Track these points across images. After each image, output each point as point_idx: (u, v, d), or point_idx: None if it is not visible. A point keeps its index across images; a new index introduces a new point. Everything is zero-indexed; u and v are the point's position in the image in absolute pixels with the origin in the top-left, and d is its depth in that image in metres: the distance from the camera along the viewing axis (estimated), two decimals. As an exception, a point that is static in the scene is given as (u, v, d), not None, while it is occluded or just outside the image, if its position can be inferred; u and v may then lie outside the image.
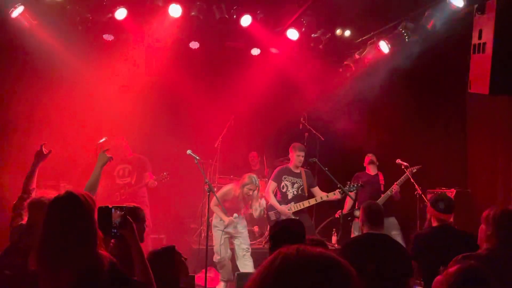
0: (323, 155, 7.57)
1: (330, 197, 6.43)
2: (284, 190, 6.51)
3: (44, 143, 3.89)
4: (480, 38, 3.30)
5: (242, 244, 6.23)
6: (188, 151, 5.73)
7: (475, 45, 3.35)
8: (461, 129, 8.03)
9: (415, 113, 8.36)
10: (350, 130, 7.93)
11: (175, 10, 6.55)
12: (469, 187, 7.56)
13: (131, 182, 6.58)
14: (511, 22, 3.02)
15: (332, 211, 7.47)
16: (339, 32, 7.34)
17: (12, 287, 2.87)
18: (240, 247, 6.22)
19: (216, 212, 6.17)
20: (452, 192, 6.93)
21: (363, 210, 3.97)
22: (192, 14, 6.64)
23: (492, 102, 7.06)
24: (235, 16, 6.83)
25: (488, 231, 3.03)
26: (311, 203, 6.52)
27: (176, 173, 6.86)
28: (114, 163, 6.52)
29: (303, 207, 6.46)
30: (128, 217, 2.51)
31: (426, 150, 7.86)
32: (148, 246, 6.24)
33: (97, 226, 2.32)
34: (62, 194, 2.34)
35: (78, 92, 7.01)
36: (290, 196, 6.49)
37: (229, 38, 7.68)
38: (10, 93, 6.81)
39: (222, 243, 6.16)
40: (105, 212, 2.45)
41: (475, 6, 3.28)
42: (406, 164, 6.61)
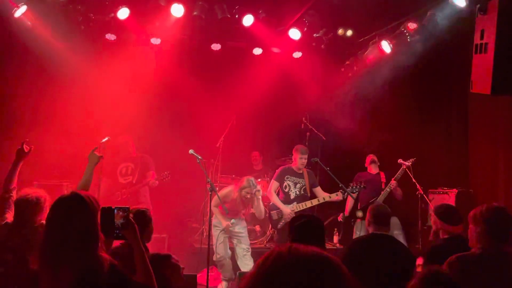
0: (324, 155, 7.57)
1: (333, 198, 6.44)
2: (286, 190, 6.52)
3: (25, 141, 3.84)
4: (482, 38, 3.30)
5: (242, 244, 6.24)
6: (191, 151, 5.74)
7: (477, 45, 3.35)
8: (463, 129, 8.03)
9: (417, 113, 8.36)
10: (351, 130, 7.93)
11: (178, 10, 6.56)
12: (470, 187, 7.55)
13: (132, 181, 6.57)
14: (514, 22, 3.03)
15: (334, 211, 7.48)
16: (341, 31, 7.34)
17: (6, 284, 2.89)
18: (240, 247, 6.23)
19: (216, 213, 6.19)
20: (453, 192, 6.93)
21: (370, 211, 3.98)
22: (195, 13, 6.66)
23: (494, 102, 7.05)
24: (237, 16, 6.85)
25: (478, 229, 2.99)
26: (314, 204, 6.53)
27: (178, 172, 6.86)
28: (117, 161, 6.59)
29: (305, 207, 6.46)
30: (130, 218, 2.50)
31: (428, 150, 7.86)
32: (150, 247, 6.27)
33: (99, 228, 2.31)
34: (67, 194, 2.35)
35: (80, 92, 7.02)
36: (293, 196, 6.49)
37: (231, 38, 7.69)
38: (13, 92, 6.82)
39: (222, 242, 6.17)
40: (107, 213, 2.43)
41: (477, 6, 3.28)
42: (407, 163, 6.60)
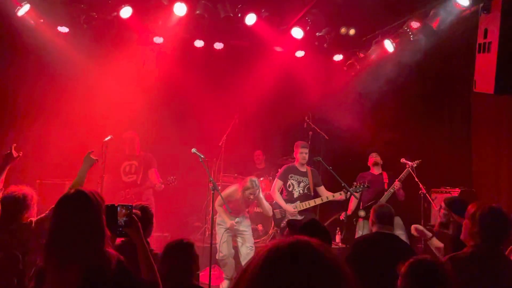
0: (327, 154, 7.56)
1: (336, 197, 6.44)
2: (290, 189, 6.52)
3: (15, 145, 3.83)
4: (485, 37, 3.30)
5: (246, 243, 6.25)
6: (193, 150, 5.74)
7: (480, 44, 3.35)
8: (466, 128, 8.00)
9: (420, 112, 8.33)
10: (354, 129, 7.92)
11: (180, 9, 6.56)
12: (473, 186, 7.53)
13: (136, 180, 6.56)
14: (517, 21, 3.02)
15: (337, 210, 7.47)
16: (343, 30, 7.32)
17: None
18: (243, 245, 6.24)
19: (220, 212, 6.21)
20: (456, 192, 6.91)
21: (374, 211, 3.99)
22: (197, 12, 6.65)
23: (497, 102, 7.03)
24: (239, 15, 6.83)
25: (474, 228, 2.99)
26: (317, 203, 6.54)
27: (181, 171, 6.88)
28: (121, 158, 6.59)
29: (308, 206, 6.47)
30: (133, 215, 2.50)
31: (431, 149, 7.84)
32: (152, 246, 6.27)
33: (105, 224, 2.32)
34: (71, 192, 2.36)
35: (83, 90, 7.03)
36: (296, 195, 6.50)
37: (233, 37, 7.69)
38: (15, 90, 6.84)
39: (225, 241, 6.18)
40: (110, 211, 2.43)
41: (481, 5, 3.27)
42: (410, 163, 6.59)
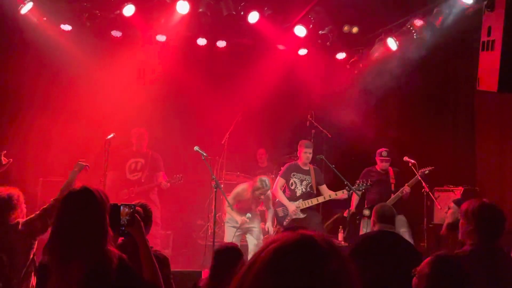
0: (330, 152, 7.55)
1: (338, 195, 6.44)
2: (292, 187, 6.52)
3: (4, 152, 3.83)
4: (489, 35, 3.28)
5: (254, 239, 6.20)
6: (196, 148, 5.74)
7: (484, 42, 3.33)
8: (469, 126, 7.98)
9: (423, 110, 8.32)
10: (357, 127, 7.91)
11: (183, 7, 6.55)
12: (477, 184, 7.51)
13: (141, 179, 6.52)
14: (521, 19, 3.00)
15: (339, 208, 7.47)
16: (346, 28, 7.30)
17: None
18: (252, 242, 6.20)
19: (229, 212, 6.16)
20: (459, 190, 6.89)
21: (376, 211, 3.98)
22: (200, 10, 6.65)
23: (501, 100, 7.01)
24: (242, 13, 6.82)
25: (470, 226, 2.97)
26: (319, 201, 6.54)
27: (184, 169, 6.88)
28: (127, 154, 6.58)
29: (311, 204, 6.47)
30: (136, 215, 2.50)
31: (434, 148, 7.83)
32: (157, 245, 6.28)
33: (108, 223, 2.32)
34: (77, 189, 2.37)
35: (85, 89, 7.04)
36: (299, 193, 6.49)
37: (236, 35, 7.68)
38: (18, 89, 6.86)
39: (233, 240, 6.09)
40: (113, 210, 2.42)
41: (484, 3, 3.26)
42: (413, 161, 6.57)
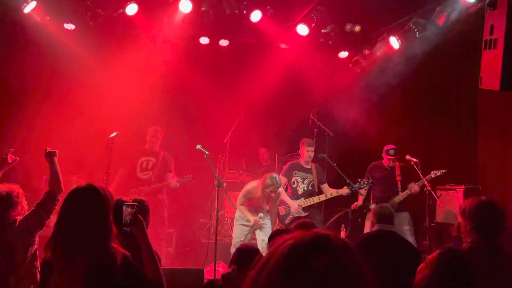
0: (332, 151, 7.56)
1: (340, 193, 6.44)
2: (294, 186, 6.53)
3: (12, 150, 3.82)
4: (491, 33, 3.29)
5: (264, 236, 6.01)
6: (198, 146, 5.74)
7: (486, 40, 3.34)
8: (472, 125, 7.96)
9: (426, 109, 8.31)
10: (359, 126, 7.92)
11: (186, 6, 6.57)
12: (479, 183, 7.49)
13: (151, 178, 6.46)
14: (523, 17, 3.01)
15: (341, 207, 7.48)
16: (349, 27, 7.31)
17: None
18: (261, 238, 6.05)
19: (242, 211, 6.03)
20: (461, 189, 6.88)
21: (375, 212, 4.02)
22: (203, 9, 6.67)
23: (503, 98, 7.00)
24: (245, 12, 6.84)
25: (468, 225, 2.99)
26: (321, 199, 6.54)
27: (186, 168, 6.90)
28: (139, 152, 6.59)
29: (313, 202, 6.47)
30: (138, 215, 2.51)
31: (436, 146, 7.82)
32: (162, 246, 6.31)
33: (112, 220, 2.34)
34: (82, 186, 2.38)
35: (88, 87, 7.08)
36: (301, 191, 6.50)
37: (239, 34, 7.70)
38: (21, 87, 6.88)
39: (241, 240, 5.96)
40: (116, 209, 2.44)
41: (487, 1, 3.26)
42: (415, 160, 6.57)
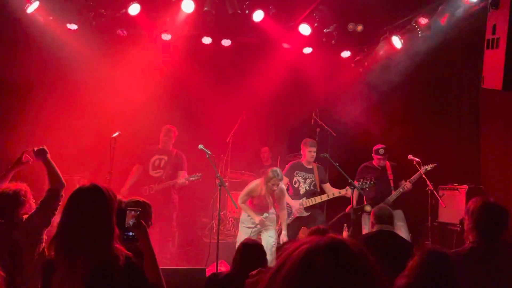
0: (334, 151, 7.56)
1: (342, 193, 6.44)
2: (296, 186, 6.53)
3: (27, 150, 3.76)
4: (493, 33, 3.29)
5: (270, 238, 5.97)
6: (200, 146, 5.75)
7: (488, 40, 3.34)
8: (474, 124, 7.97)
9: (428, 108, 8.31)
10: (361, 125, 7.92)
11: (188, 6, 6.57)
12: (481, 183, 7.50)
13: (161, 176, 6.45)
14: (526, 17, 3.01)
15: (344, 206, 7.48)
16: (351, 27, 7.31)
17: None
18: (267, 241, 5.92)
19: (245, 210, 5.99)
20: (464, 188, 6.88)
21: (374, 214, 4.04)
22: (205, 9, 6.67)
23: (506, 98, 6.99)
24: (247, 11, 6.84)
25: (469, 224, 3.01)
26: (323, 199, 6.53)
27: (188, 167, 6.90)
28: (153, 150, 6.60)
29: (315, 202, 6.47)
30: (141, 220, 2.51)
31: (439, 146, 7.82)
32: (168, 246, 6.32)
33: (115, 221, 2.34)
34: (86, 185, 2.38)
35: (90, 87, 7.09)
36: (302, 191, 6.50)
37: (241, 33, 7.70)
38: (24, 86, 6.90)
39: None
40: (119, 213, 2.43)
41: (489, 1, 3.26)
42: (418, 160, 6.56)
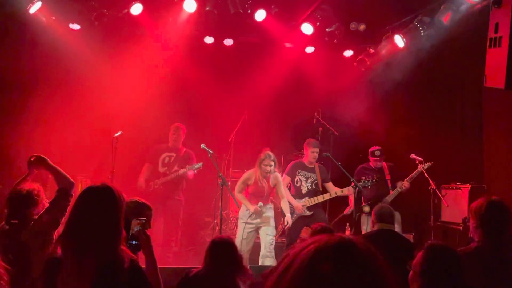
0: (337, 150, 7.55)
1: (345, 192, 6.44)
2: (298, 185, 6.52)
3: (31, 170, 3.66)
4: (496, 31, 3.28)
5: (267, 236, 5.99)
6: (202, 145, 5.75)
7: (491, 39, 3.33)
8: (477, 123, 7.94)
9: (431, 107, 8.29)
10: (364, 125, 7.91)
11: (190, 5, 6.58)
12: (484, 182, 7.47)
13: (166, 171, 6.49)
14: (528, 15, 3.00)
15: (346, 206, 7.47)
16: (354, 26, 7.30)
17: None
18: (265, 238, 5.98)
19: (241, 199, 5.98)
20: (467, 188, 6.86)
21: (375, 213, 4.03)
22: (207, 9, 6.68)
23: (509, 97, 6.96)
24: (249, 11, 6.84)
25: (475, 223, 3.01)
26: (326, 198, 6.53)
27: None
28: (162, 148, 6.62)
29: (317, 201, 6.47)
30: (145, 231, 2.53)
31: (442, 145, 7.80)
32: (172, 247, 6.34)
33: (123, 223, 2.34)
34: (97, 185, 2.37)
35: (93, 87, 7.09)
36: (304, 190, 6.50)
37: (243, 33, 7.70)
38: (27, 86, 6.92)
39: (245, 238, 5.93)
40: (124, 222, 2.43)
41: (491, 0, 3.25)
42: (420, 159, 6.55)
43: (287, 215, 6.09)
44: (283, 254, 1.10)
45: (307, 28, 7.19)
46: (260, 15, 6.87)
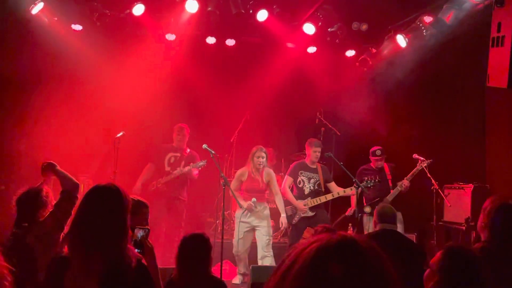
0: (339, 150, 7.55)
1: (347, 192, 6.43)
2: (300, 185, 6.52)
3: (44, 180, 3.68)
4: (499, 31, 3.27)
5: (264, 236, 6.07)
6: (204, 146, 5.76)
7: (493, 38, 3.32)
8: (479, 123, 7.92)
9: (433, 107, 8.27)
10: (366, 125, 7.89)
11: (192, 6, 6.58)
12: (487, 182, 7.45)
13: (170, 170, 6.51)
14: (531, 14, 2.99)
15: (348, 206, 7.46)
16: (356, 26, 7.29)
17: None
18: (262, 239, 6.08)
19: (236, 197, 6.06)
20: (470, 188, 6.85)
21: (377, 213, 4.03)
22: (209, 9, 6.68)
23: (511, 96, 6.94)
24: (251, 11, 6.85)
25: (484, 220, 2.99)
26: (328, 199, 6.52)
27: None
28: (167, 148, 6.63)
29: (319, 202, 6.46)
30: (148, 240, 2.53)
31: (444, 145, 7.78)
32: (174, 248, 6.33)
33: (129, 223, 2.34)
34: (104, 184, 2.38)
35: (95, 87, 7.11)
36: (307, 191, 6.49)
37: (245, 33, 7.70)
38: (29, 86, 6.93)
39: (242, 237, 6.05)
40: None
41: (494, -1, 3.25)
42: (422, 159, 6.54)
43: (282, 215, 6.18)
44: (285, 254, 1.09)
45: (309, 28, 7.19)
46: (262, 15, 6.87)
